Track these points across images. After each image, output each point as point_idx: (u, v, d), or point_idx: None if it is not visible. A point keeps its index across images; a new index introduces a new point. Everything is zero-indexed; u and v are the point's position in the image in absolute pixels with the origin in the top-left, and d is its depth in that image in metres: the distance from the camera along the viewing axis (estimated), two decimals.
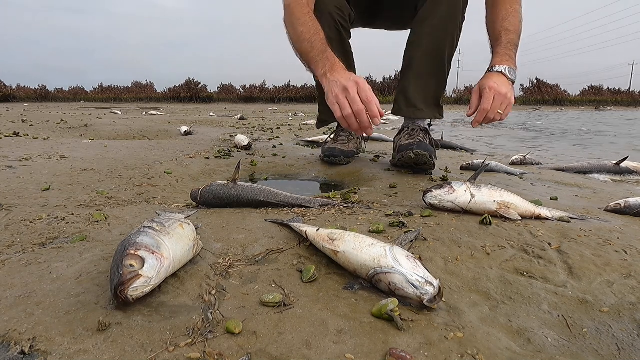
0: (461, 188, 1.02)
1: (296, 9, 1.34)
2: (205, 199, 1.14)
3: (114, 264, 0.61)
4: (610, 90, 31.00)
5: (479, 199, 1.00)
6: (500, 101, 1.25)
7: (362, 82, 1.08)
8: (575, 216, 1.02)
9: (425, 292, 0.60)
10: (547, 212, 1.01)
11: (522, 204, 1.00)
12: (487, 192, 1.00)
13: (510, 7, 1.39)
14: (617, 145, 3.71)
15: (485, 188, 1.02)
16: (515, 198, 1.01)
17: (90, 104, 19.54)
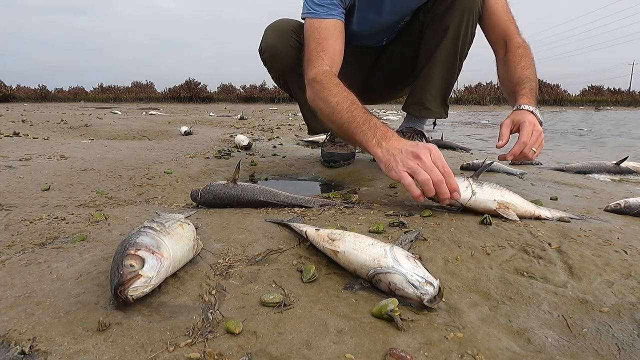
0: (462, 184, 0.98)
1: (325, 80, 1.24)
2: (205, 199, 1.14)
3: (114, 264, 0.61)
4: (610, 90, 31.01)
5: (480, 196, 0.97)
6: (536, 138, 1.18)
7: (435, 149, 0.98)
8: (575, 216, 1.02)
9: (425, 292, 0.60)
10: (548, 212, 1.00)
11: (523, 205, 0.98)
12: (488, 190, 0.98)
13: (528, 59, 1.38)
14: (616, 144, 3.71)
15: (488, 186, 0.99)
16: (516, 198, 0.99)
17: (90, 104, 19.54)
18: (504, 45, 1.45)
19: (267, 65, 1.73)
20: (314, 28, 1.35)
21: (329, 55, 1.32)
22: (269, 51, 1.65)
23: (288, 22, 1.66)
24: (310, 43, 1.35)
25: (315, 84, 1.27)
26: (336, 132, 1.27)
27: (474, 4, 1.46)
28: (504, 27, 1.45)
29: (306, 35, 1.38)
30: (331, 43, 1.35)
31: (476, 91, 27.98)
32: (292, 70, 1.65)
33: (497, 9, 1.47)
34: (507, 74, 1.41)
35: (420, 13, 1.62)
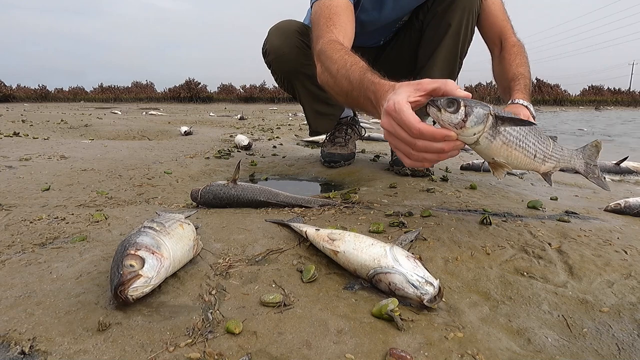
0: (480, 114, 0.71)
1: (329, 48, 1.11)
2: (205, 199, 1.14)
3: (114, 264, 0.61)
4: (610, 90, 31.02)
5: (485, 143, 0.74)
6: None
7: (394, 107, 0.74)
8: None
9: (425, 292, 0.60)
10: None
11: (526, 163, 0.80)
12: (499, 144, 0.75)
13: (523, 57, 1.41)
14: (614, 145, 3.71)
15: (501, 138, 0.75)
16: (522, 157, 0.79)
17: (90, 104, 19.54)
18: (499, 44, 1.47)
19: (271, 67, 1.71)
20: (324, 6, 1.26)
21: (340, 29, 1.22)
22: (274, 52, 1.63)
23: (292, 23, 1.63)
24: (319, 20, 1.25)
25: (321, 55, 1.15)
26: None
27: (474, 3, 1.48)
28: (500, 26, 1.48)
29: (315, 16, 1.28)
30: (343, 19, 1.25)
31: (476, 91, 27.99)
32: (298, 71, 1.63)
33: (494, 9, 1.50)
34: (502, 71, 1.42)
35: (420, 12, 1.62)
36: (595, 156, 0.93)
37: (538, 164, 0.81)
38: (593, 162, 0.93)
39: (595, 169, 0.93)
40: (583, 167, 0.92)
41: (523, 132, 0.76)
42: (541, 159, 0.81)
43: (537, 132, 0.79)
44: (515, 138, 0.75)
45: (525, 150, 0.77)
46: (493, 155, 0.76)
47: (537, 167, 0.82)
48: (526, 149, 0.77)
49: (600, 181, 0.93)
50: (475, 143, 0.74)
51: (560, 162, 0.87)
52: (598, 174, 0.93)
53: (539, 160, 0.81)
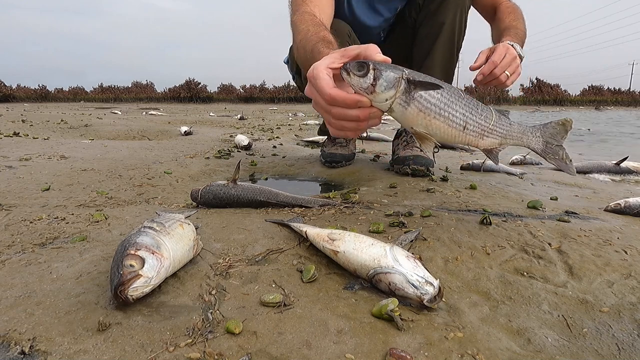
0: (390, 77, 0.67)
1: (298, 20, 1.11)
2: (205, 199, 1.14)
3: (114, 264, 0.61)
4: (611, 90, 31.03)
5: (399, 109, 0.70)
6: (510, 60, 1.14)
7: (312, 74, 0.71)
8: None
9: (425, 292, 0.60)
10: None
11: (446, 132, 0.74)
12: (415, 111, 0.70)
13: (517, 14, 1.42)
14: (614, 144, 3.71)
15: (416, 105, 0.69)
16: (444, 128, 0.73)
17: (90, 104, 19.54)
18: (494, 12, 1.48)
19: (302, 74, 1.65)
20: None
21: (315, 2, 1.20)
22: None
23: (342, 25, 1.56)
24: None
25: (292, 27, 1.13)
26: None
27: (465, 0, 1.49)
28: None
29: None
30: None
31: (476, 91, 28.01)
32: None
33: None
34: (496, 28, 1.42)
35: (412, 10, 1.62)
36: (561, 136, 0.85)
37: (473, 137, 0.75)
38: (556, 142, 0.85)
39: (558, 149, 0.85)
40: (540, 147, 0.84)
41: (445, 100, 0.70)
42: (476, 133, 0.75)
43: (468, 102, 0.73)
44: (434, 105, 0.69)
45: (449, 120, 0.71)
46: (410, 124, 0.71)
47: (472, 141, 0.76)
48: (450, 118, 0.71)
49: (564, 164, 0.84)
50: (389, 110, 0.69)
51: (508, 138, 0.80)
52: (562, 155, 0.84)
53: (474, 134, 0.74)
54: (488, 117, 0.75)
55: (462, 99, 0.72)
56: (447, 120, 0.70)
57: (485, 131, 0.75)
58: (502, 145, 0.81)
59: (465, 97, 0.72)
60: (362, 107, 0.69)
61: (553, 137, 0.85)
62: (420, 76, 0.68)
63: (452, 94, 0.70)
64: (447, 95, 0.70)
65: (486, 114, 0.75)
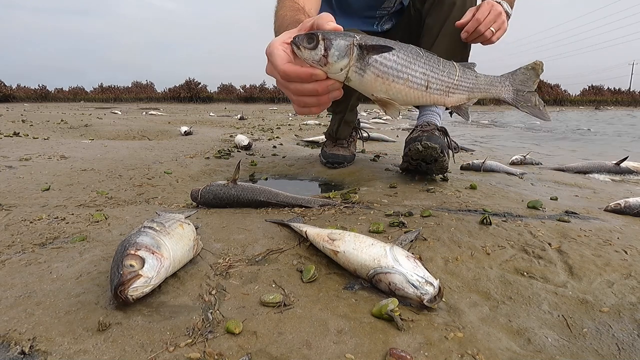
0: (341, 46, 0.64)
1: (279, 7, 1.09)
2: (205, 199, 1.14)
3: (114, 264, 0.61)
4: (611, 90, 31.05)
5: (356, 78, 0.66)
6: (495, 17, 1.19)
7: (268, 50, 0.69)
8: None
9: (425, 292, 0.60)
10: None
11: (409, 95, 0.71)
12: (372, 77, 0.67)
13: None
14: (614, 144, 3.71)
15: (372, 71, 0.67)
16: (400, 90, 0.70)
17: (90, 104, 19.54)
18: None
19: None
20: None
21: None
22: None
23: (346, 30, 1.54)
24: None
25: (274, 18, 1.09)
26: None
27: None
28: None
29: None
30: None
31: None
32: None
33: None
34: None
35: (417, 1, 1.55)
36: (531, 81, 0.80)
37: (437, 96, 0.71)
38: (527, 89, 0.80)
39: (530, 96, 0.80)
40: (511, 96, 0.80)
41: (402, 61, 0.66)
42: (441, 91, 0.71)
43: (428, 59, 0.69)
44: (391, 68, 0.66)
45: (409, 82, 0.67)
46: (370, 91, 0.67)
47: (437, 100, 0.71)
48: (410, 79, 0.67)
49: (537, 110, 0.80)
50: (347, 79, 0.66)
51: (475, 91, 0.76)
52: (535, 101, 0.79)
53: (438, 92, 0.70)
54: (451, 73, 0.72)
55: (420, 58, 0.68)
56: (407, 82, 0.67)
57: (450, 88, 0.72)
58: (470, 100, 0.77)
59: (424, 55, 0.69)
60: (318, 80, 0.65)
61: (523, 84, 0.80)
62: (372, 40, 0.65)
63: (408, 54, 0.67)
64: (403, 56, 0.66)
65: (449, 69, 0.72)
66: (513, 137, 4.36)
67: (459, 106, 0.77)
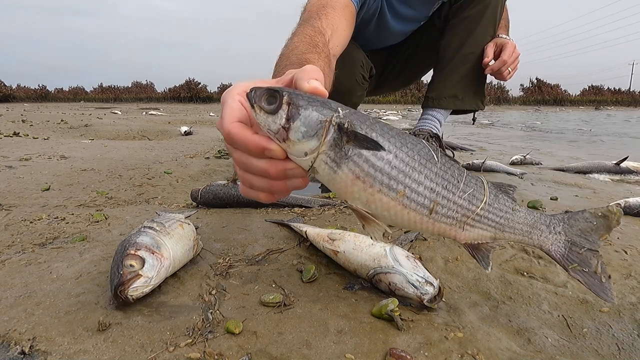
0: (312, 120, 0.43)
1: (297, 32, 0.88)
2: (205, 199, 1.14)
3: (114, 264, 0.61)
4: (611, 90, 31.09)
5: (326, 172, 0.45)
6: (514, 59, 1.33)
7: (224, 99, 0.49)
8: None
9: (425, 292, 0.60)
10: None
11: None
12: (349, 178, 0.44)
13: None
14: (614, 144, 3.71)
15: (351, 168, 0.44)
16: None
17: (90, 104, 19.55)
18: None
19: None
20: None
21: (328, 21, 0.97)
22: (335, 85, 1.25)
23: (356, 52, 1.43)
24: (311, 7, 1.02)
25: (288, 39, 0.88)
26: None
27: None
28: None
29: (309, 4, 1.06)
30: (337, 13, 1.02)
31: None
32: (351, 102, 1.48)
33: None
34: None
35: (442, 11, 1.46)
36: (597, 234, 0.54)
37: (446, 226, 0.49)
38: (588, 245, 0.54)
39: (590, 257, 0.53)
40: (560, 250, 0.54)
41: (401, 164, 0.45)
42: (453, 219, 0.49)
43: (443, 169, 0.47)
44: (381, 172, 0.44)
45: (405, 198, 0.45)
46: (344, 196, 0.47)
47: (445, 231, 0.50)
48: (407, 195, 0.45)
49: (596, 281, 0.53)
50: (311, 170, 0.45)
51: (506, 230, 0.52)
52: (596, 266, 0.53)
53: (448, 221, 0.49)
54: (475, 197, 0.49)
55: (431, 164, 0.46)
56: (400, 196, 0.45)
57: (468, 218, 0.50)
58: (496, 240, 0.53)
59: (438, 159, 0.47)
60: (272, 158, 0.45)
61: (584, 236, 0.54)
62: (363, 122, 0.44)
63: (414, 156, 0.45)
64: (404, 157, 0.45)
65: (473, 190, 0.49)
66: (513, 137, 4.36)
67: (476, 245, 0.53)
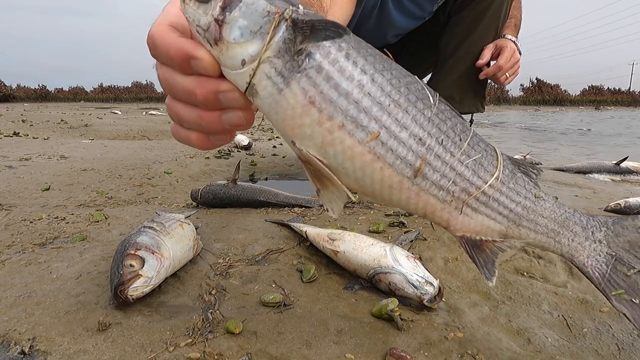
0: (258, 8, 0.31)
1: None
2: (205, 198, 1.14)
3: (114, 264, 0.61)
4: (610, 90, 31.12)
5: (267, 92, 0.32)
6: (513, 64, 1.24)
7: (152, 25, 0.36)
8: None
9: (425, 292, 0.60)
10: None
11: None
12: (300, 99, 0.31)
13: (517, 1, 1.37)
14: (614, 144, 3.71)
15: (303, 84, 0.31)
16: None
17: (90, 104, 19.55)
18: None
19: None
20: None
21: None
22: None
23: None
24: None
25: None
26: None
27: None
28: None
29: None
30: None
31: None
32: None
33: None
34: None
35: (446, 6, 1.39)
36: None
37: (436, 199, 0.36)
38: (638, 265, 0.41)
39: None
40: (600, 265, 0.41)
41: (380, 88, 0.32)
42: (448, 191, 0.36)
43: (440, 113, 0.34)
44: (349, 97, 0.31)
45: (381, 144, 0.33)
46: (290, 132, 0.33)
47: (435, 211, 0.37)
48: (385, 141, 0.33)
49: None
50: (250, 91, 0.32)
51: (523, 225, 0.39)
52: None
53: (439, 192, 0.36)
54: (483, 167, 0.37)
55: (423, 105, 0.34)
56: (374, 141, 0.32)
57: (470, 195, 0.36)
58: (507, 238, 0.40)
59: (435, 101, 0.34)
60: (199, 71, 0.34)
61: (634, 252, 0.41)
62: (314, 14, 0.31)
63: (400, 85, 0.33)
64: (384, 83, 0.32)
65: (480, 156, 0.37)
66: (513, 137, 4.37)
67: (478, 242, 0.41)
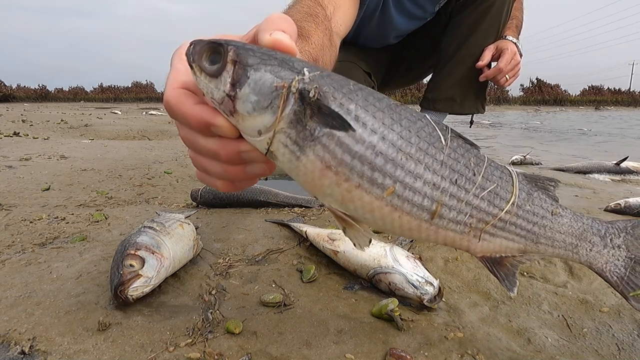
0: (265, 83, 0.30)
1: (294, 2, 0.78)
2: (205, 199, 1.14)
3: (114, 264, 0.61)
4: (610, 90, 31.12)
5: (286, 158, 0.33)
6: (513, 66, 1.24)
7: (172, 59, 0.38)
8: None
9: (425, 292, 0.60)
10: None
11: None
12: (317, 166, 0.32)
13: (518, 2, 1.37)
14: (614, 144, 3.71)
15: (319, 153, 0.31)
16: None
17: (90, 104, 19.55)
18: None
19: None
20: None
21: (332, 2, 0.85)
22: None
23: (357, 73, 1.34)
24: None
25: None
26: None
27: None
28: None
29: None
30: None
31: None
32: None
33: None
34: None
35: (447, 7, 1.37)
36: None
37: (455, 233, 0.38)
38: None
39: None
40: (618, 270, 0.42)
41: (391, 145, 0.32)
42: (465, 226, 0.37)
43: (453, 154, 0.35)
44: (362, 159, 0.32)
45: (397, 197, 0.33)
46: (311, 191, 0.34)
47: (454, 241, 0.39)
48: (399, 192, 0.33)
49: None
50: (270, 154, 0.33)
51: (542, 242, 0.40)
52: None
53: (458, 227, 0.37)
54: (499, 195, 0.37)
55: (435, 150, 0.34)
56: (390, 195, 0.33)
57: (487, 224, 0.38)
58: (526, 254, 0.41)
59: (446, 142, 0.34)
60: (220, 136, 0.34)
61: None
62: (338, 88, 0.31)
63: (410, 136, 0.33)
64: (395, 139, 0.32)
65: (495, 185, 0.37)
66: (513, 137, 4.36)
67: (499, 259, 0.42)
